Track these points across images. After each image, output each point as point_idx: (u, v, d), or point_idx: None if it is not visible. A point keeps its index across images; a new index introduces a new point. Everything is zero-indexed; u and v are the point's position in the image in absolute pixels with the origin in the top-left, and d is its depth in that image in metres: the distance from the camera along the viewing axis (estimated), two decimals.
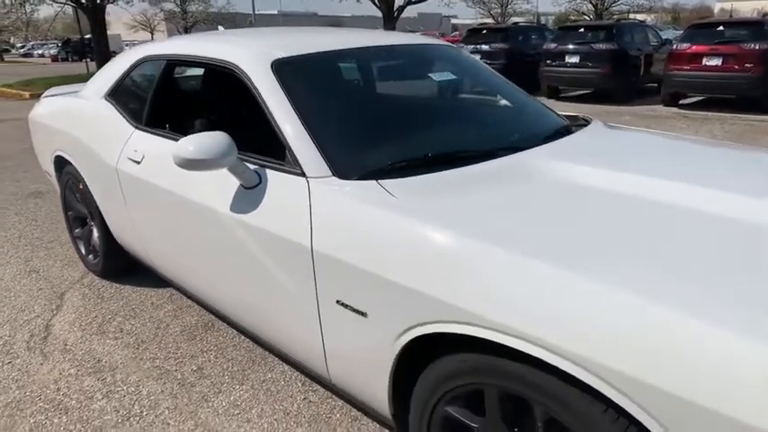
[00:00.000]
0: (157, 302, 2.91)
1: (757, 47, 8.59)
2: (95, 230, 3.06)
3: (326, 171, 1.69)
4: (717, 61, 8.92)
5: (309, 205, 1.63)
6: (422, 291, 1.32)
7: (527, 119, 2.39)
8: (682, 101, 10.03)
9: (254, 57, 2.03)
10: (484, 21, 46.64)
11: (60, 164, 3.19)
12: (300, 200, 1.67)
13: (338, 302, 1.56)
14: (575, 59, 10.61)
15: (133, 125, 2.53)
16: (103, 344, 2.53)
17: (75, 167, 2.94)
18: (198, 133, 1.73)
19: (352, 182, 1.63)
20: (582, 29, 10.98)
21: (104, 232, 2.94)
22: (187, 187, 2.08)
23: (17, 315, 2.82)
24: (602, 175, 1.65)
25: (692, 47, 9.21)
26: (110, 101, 2.76)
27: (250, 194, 1.82)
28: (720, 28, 9.32)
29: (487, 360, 1.27)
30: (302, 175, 1.71)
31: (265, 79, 1.94)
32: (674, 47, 9.60)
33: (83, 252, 3.29)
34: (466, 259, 1.27)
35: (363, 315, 1.49)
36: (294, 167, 1.74)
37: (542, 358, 1.13)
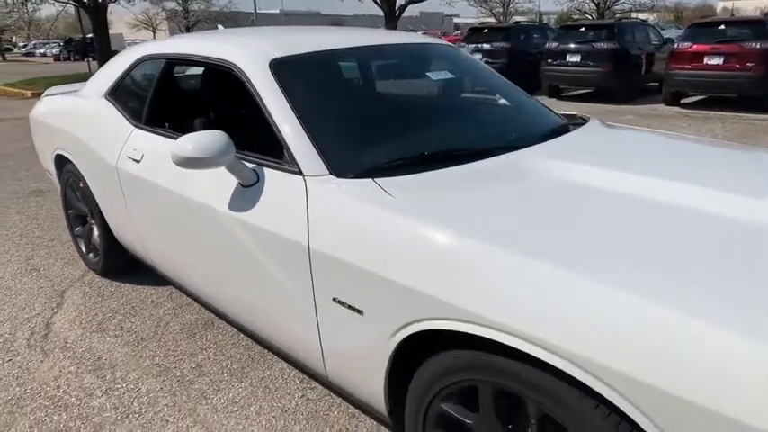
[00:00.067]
0: (157, 300, 2.93)
1: (759, 46, 8.57)
2: (96, 229, 3.07)
3: (324, 169, 1.70)
4: (718, 60, 8.91)
5: (306, 203, 1.64)
6: (420, 289, 1.32)
7: (525, 117, 2.40)
8: (683, 100, 10.01)
9: (252, 56, 2.04)
10: (486, 20, 46.60)
11: (61, 162, 3.21)
12: (298, 198, 1.67)
13: (335, 300, 1.57)
14: (576, 58, 10.59)
15: (133, 124, 2.55)
16: (103, 341, 2.55)
17: (76, 166, 2.95)
18: (196, 132, 1.74)
19: (349, 180, 1.64)
20: (583, 28, 10.94)
21: (104, 231, 2.96)
22: (186, 186, 2.09)
23: (18, 313, 2.83)
24: (600, 175, 1.65)
25: (694, 46, 9.19)
26: (110, 100, 2.77)
27: (248, 193, 1.83)
28: (722, 27, 9.29)
29: (482, 357, 1.28)
30: (299, 173, 1.72)
31: (263, 78, 1.95)
32: (676, 46, 9.58)
33: (83, 250, 3.30)
34: (465, 259, 1.27)
35: (360, 312, 1.50)
36: (292, 166, 1.75)
37: (542, 358, 1.13)
